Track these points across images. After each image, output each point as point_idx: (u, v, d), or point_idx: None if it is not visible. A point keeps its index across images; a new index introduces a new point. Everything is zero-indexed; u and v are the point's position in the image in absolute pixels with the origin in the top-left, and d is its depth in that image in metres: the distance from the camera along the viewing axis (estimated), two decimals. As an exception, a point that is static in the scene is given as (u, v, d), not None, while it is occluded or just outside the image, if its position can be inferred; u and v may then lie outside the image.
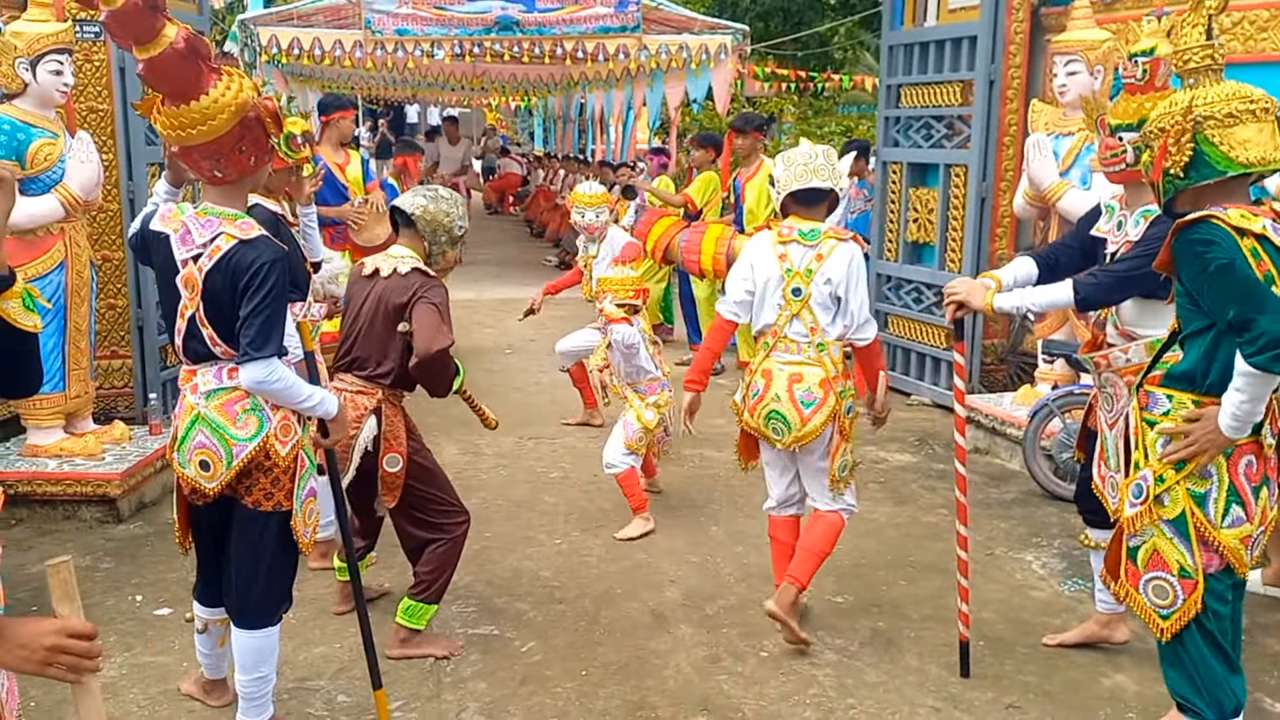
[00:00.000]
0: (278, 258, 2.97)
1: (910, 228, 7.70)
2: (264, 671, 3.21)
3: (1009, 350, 7.31)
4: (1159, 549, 2.79)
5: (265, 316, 2.93)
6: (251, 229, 2.99)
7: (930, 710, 3.62)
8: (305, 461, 3.17)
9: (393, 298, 3.78)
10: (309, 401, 3.09)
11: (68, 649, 1.68)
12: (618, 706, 3.61)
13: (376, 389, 3.82)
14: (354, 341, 3.87)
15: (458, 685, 3.72)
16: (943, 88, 7.31)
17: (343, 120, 6.95)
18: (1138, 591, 2.85)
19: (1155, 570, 2.82)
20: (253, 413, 3.05)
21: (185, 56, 2.80)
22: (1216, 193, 2.70)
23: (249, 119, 2.91)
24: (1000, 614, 4.34)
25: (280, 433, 3.08)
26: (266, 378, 2.96)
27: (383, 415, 3.81)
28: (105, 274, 6.21)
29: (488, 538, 5.03)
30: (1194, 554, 2.75)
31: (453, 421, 7.01)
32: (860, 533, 5.19)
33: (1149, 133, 2.79)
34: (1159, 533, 2.79)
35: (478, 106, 26.82)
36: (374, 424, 3.79)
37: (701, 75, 11.31)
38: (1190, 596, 2.76)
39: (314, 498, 3.24)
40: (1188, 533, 2.76)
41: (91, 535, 4.98)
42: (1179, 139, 2.66)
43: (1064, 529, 5.22)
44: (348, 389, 3.81)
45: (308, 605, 4.28)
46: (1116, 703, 3.69)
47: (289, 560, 3.24)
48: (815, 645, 4.05)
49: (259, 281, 2.91)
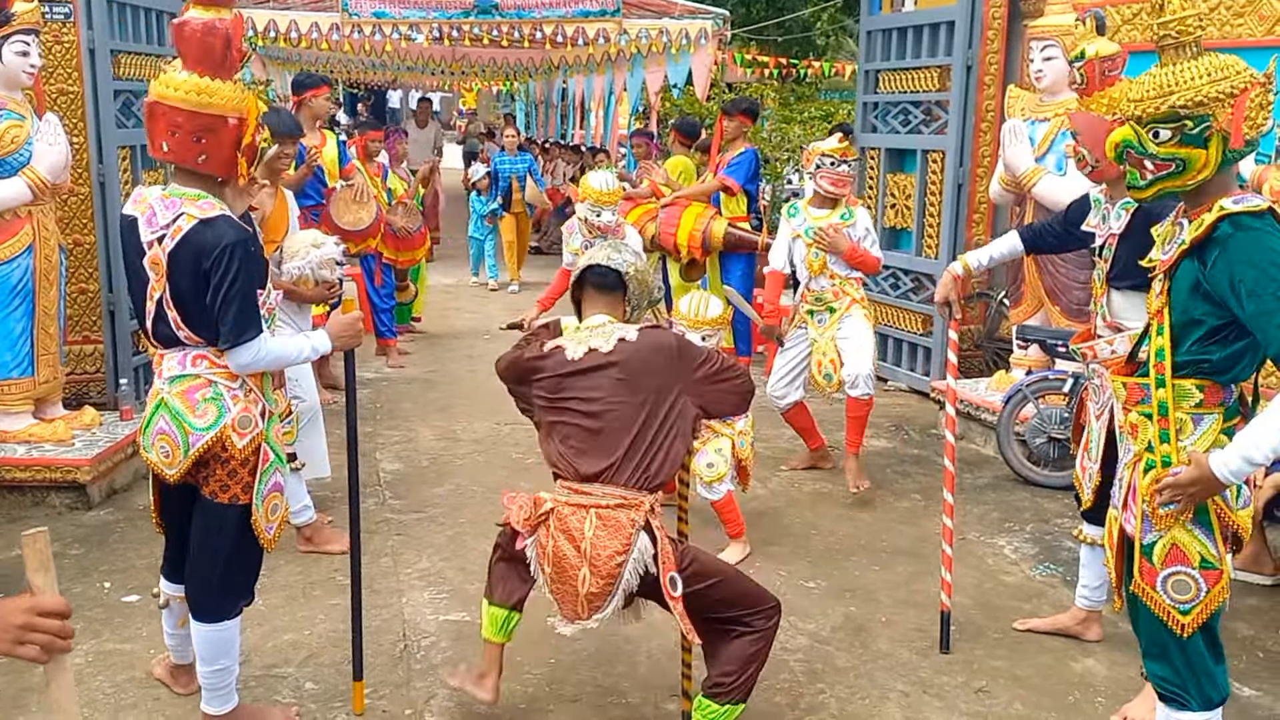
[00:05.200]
0: (241, 238, 2.95)
1: (888, 213, 7.69)
2: (224, 664, 3.15)
3: (985, 336, 7.33)
4: (1179, 542, 2.67)
5: (238, 302, 2.92)
6: (212, 209, 2.97)
7: (899, 695, 3.63)
8: (269, 455, 3.13)
9: (640, 364, 3.08)
10: (301, 355, 3.14)
11: (39, 627, 1.64)
12: (588, 693, 3.60)
13: (643, 499, 3.02)
14: (596, 443, 3.05)
15: (428, 672, 3.70)
16: (921, 73, 7.30)
17: (315, 99, 6.81)
18: (1155, 590, 2.71)
19: (1175, 565, 2.68)
20: (212, 402, 3.03)
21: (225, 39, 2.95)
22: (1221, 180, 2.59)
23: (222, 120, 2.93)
24: (972, 598, 4.35)
25: (238, 425, 3.05)
26: (254, 360, 2.99)
27: (654, 530, 3.00)
28: (76, 258, 6.14)
29: (462, 523, 5.02)
30: (1217, 543, 2.66)
31: (430, 407, 7.00)
32: (834, 518, 5.21)
33: (1203, 100, 2.48)
34: (1180, 526, 2.66)
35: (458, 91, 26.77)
36: (648, 542, 2.98)
37: (681, 60, 11.28)
38: (1214, 587, 2.66)
39: (279, 493, 3.19)
40: (1209, 521, 2.65)
41: (61, 522, 4.94)
42: (1263, 102, 2.48)
43: (1037, 514, 5.24)
44: (598, 504, 2.99)
45: (278, 592, 4.26)
46: (1086, 687, 3.70)
47: (248, 555, 3.19)
48: (786, 631, 4.05)
49: (224, 266, 2.89)
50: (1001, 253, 4.13)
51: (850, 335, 5.38)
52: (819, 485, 5.66)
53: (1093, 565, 3.89)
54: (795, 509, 5.34)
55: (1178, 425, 2.66)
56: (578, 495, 3.04)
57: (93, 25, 5.93)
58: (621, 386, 3.07)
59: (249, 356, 2.99)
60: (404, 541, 4.81)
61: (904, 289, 7.52)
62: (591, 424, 3.07)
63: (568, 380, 3.13)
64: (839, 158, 5.31)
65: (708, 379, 3.19)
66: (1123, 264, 3.58)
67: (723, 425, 4.59)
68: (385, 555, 4.65)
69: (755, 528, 4.97)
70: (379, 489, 5.48)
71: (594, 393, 3.08)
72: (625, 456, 3.03)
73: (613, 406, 3.06)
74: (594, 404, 3.08)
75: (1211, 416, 2.65)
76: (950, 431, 4.08)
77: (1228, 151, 2.53)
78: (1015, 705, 3.58)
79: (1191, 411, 2.65)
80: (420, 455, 6.04)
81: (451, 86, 24.98)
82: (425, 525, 5.01)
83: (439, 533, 4.92)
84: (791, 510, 5.32)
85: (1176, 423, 2.66)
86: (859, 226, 5.36)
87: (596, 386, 3.09)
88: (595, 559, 2.95)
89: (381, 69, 17.10)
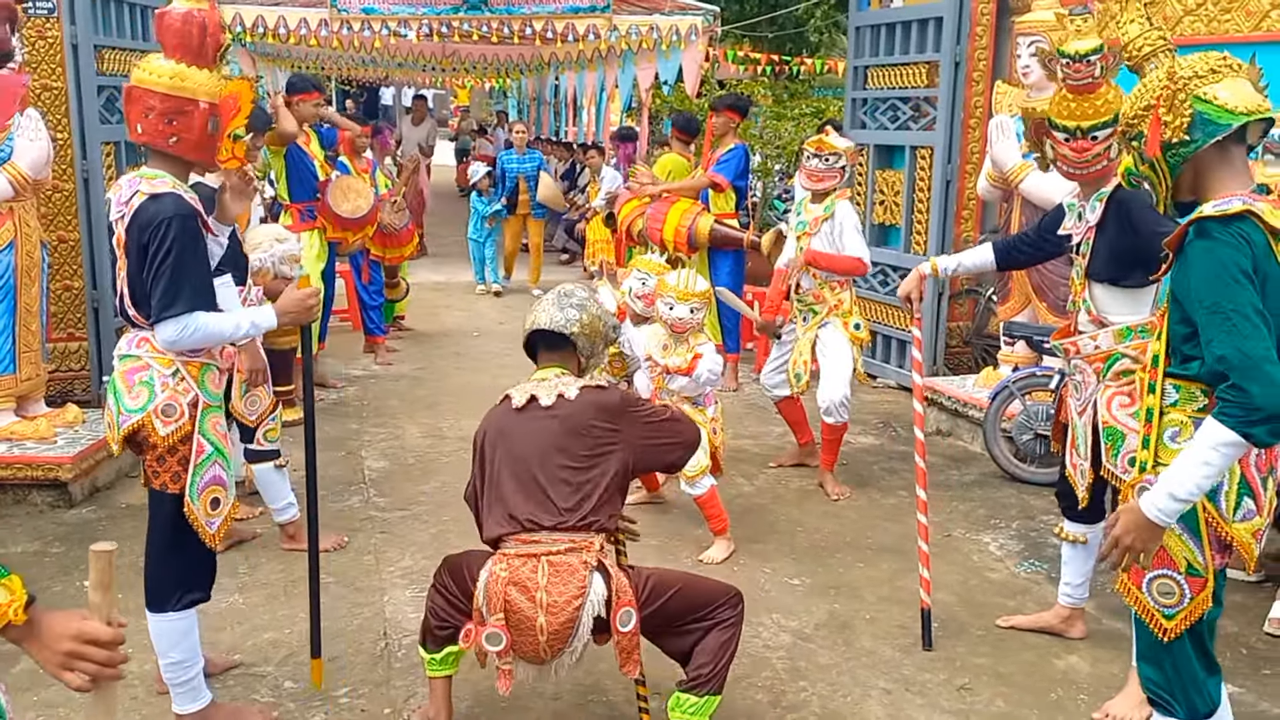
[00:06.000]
0: (180, 213, 2.97)
1: (877, 210, 7.68)
2: (174, 657, 3.12)
3: (973, 333, 7.32)
4: (1166, 545, 2.61)
5: (168, 274, 2.93)
6: (164, 186, 3.02)
7: (881, 692, 3.62)
8: (204, 447, 3.10)
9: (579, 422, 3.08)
10: (239, 332, 3.09)
11: (87, 656, 1.62)
12: (569, 690, 3.58)
13: (591, 540, 3.02)
14: (538, 491, 3.04)
15: (408, 670, 3.68)
16: (909, 69, 7.29)
17: (303, 103, 6.84)
18: (1140, 590, 2.67)
19: (1161, 568, 2.63)
20: (145, 386, 3.06)
21: None
22: (1219, 164, 2.53)
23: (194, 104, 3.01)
24: (956, 595, 4.34)
25: (161, 412, 3.05)
26: (180, 335, 2.97)
27: (609, 572, 2.99)
28: (61, 255, 6.12)
29: (446, 521, 4.99)
30: (1204, 551, 2.60)
31: (417, 404, 6.98)
32: (820, 514, 5.20)
33: (1133, 118, 2.63)
34: (1168, 529, 2.57)
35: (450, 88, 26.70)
36: (601, 583, 2.96)
37: (672, 57, 11.24)
38: (1199, 595, 2.61)
39: (219, 486, 3.14)
40: (1198, 528, 2.59)
41: (42, 520, 4.91)
42: (1172, 103, 2.51)
43: (1023, 511, 5.23)
44: (548, 552, 2.96)
45: (259, 590, 4.24)
46: (1069, 684, 3.69)
47: (185, 549, 3.14)
48: (770, 628, 4.04)
49: (159, 237, 2.93)
50: (974, 263, 4.13)
51: (827, 353, 5.34)
52: (806, 482, 5.65)
53: (1074, 563, 3.88)
54: (781, 506, 5.32)
55: (1178, 426, 2.60)
56: (526, 545, 2.99)
57: (76, 20, 5.91)
58: (561, 438, 3.07)
59: (174, 331, 2.95)
60: (387, 539, 4.78)
61: (893, 285, 7.50)
62: (534, 472, 3.05)
63: (510, 424, 3.14)
64: (813, 151, 5.30)
65: (649, 436, 3.17)
66: (1102, 256, 3.57)
67: (696, 412, 4.60)
68: (368, 553, 4.63)
69: (741, 524, 4.96)
70: (364, 487, 5.46)
71: (535, 440, 3.08)
72: (570, 503, 3.01)
73: (552, 455, 3.05)
74: (534, 452, 3.07)
75: None
76: (919, 428, 4.06)
77: (1169, 158, 2.54)
78: (997, 703, 3.57)
79: (1195, 415, 2.56)
80: (406, 453, 6.01)
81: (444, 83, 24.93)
82: (409, 523, 4.99)
83: (422, 530, 4.90)
84: (778, 507, 5.31)
85: (1177, 424, 2.60)
86: (835, 220, 5.30)
87: (537, 433, 3.09)
88: (552, 606, 2.92)
89: (372, 65, 17.03)
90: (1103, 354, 3.54)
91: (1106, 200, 3.56)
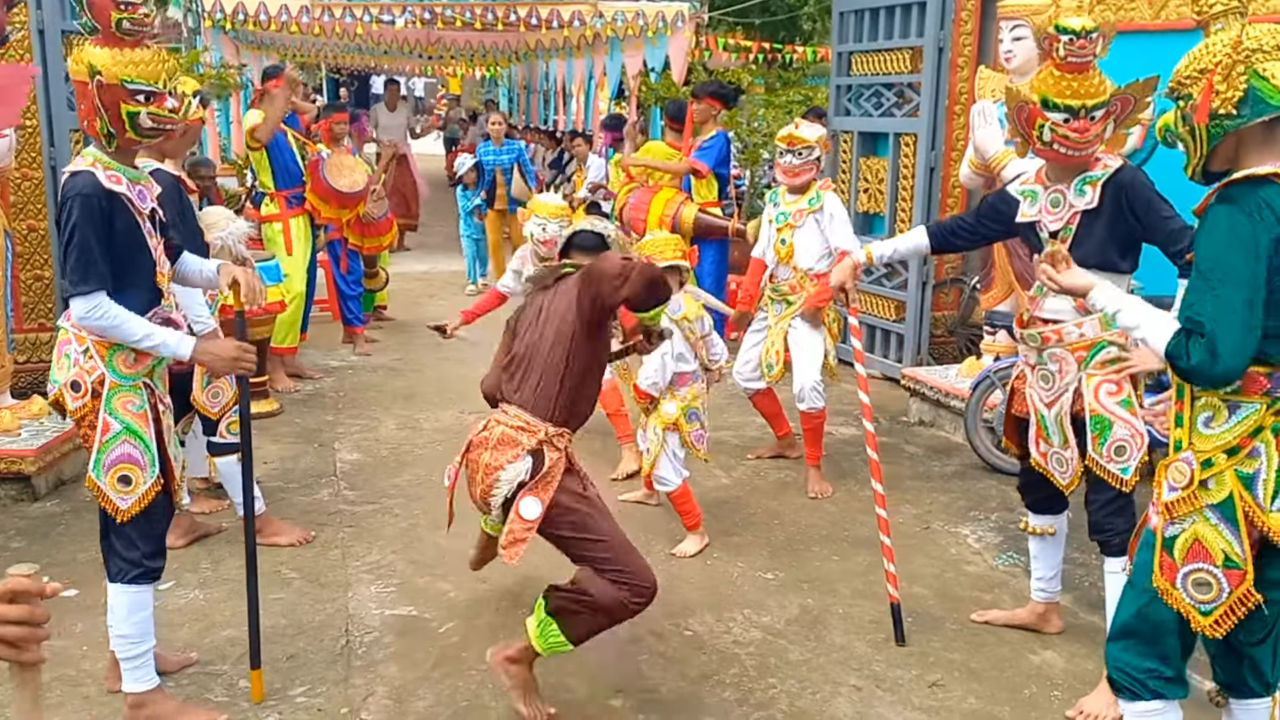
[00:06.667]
0: (85, 192, 2.98)
1: (861, 198, 7.59)
2: (122, 630, 3.12)
3: (959, 322, 7.24)
4: (1202, 537, 2.48)
5: (75, 252, 2.96)
6: (81, 163, 3.04)
7: (851, 689, 3.55)
8: (111, 425, 3.07)
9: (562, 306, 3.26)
10: (147, 341, 3.05)
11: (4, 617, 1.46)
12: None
13: (542, 427, 3.20)
14: (518, 368, 3.29)
15: (369, 669, 3.60)
16: (893, 55, 7.19)
17: (276, 89, 6.75)
18: (1174, 587, 2.53)
19: (1196, 561, 2.50)
20: (66, 358, 3.12)
21: None
22: (1263, 141, 2.42)
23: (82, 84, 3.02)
24: (932, 589, 4.27)
25: (71, 387, 3.10)
26: (88, 314, 2.98)
27: (543, 459, 3.17)
28: (30, 244, 6.04)
29: (417, 514, 4.92)
30: (1243, 542, 2.46)
31: (394, 396, 6.89)
32: (797, 507, 5.12)
33: (1185, 78, 2.48)
34: (1202, 519, 2.49)
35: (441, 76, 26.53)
36: (523, 467, 3.16)
37: (659, 44, 11.14)
38: (1238, 588, 2.47)
39: (129, 464, 3.07)
40: (1235, 518, 2.46)
41: (4, 514, 4.83)
42: (1229, 73, 2.39)
43: (1003, 502, 5.16)
44: (506, 423, 3.23)
45: (221, 585, 4.17)
46: (1043, 680, 3.62)
47: (118, 523, 3.11)
48: (740, 623, 3.97)
49: (65, 216, 2.98)
50: (908, 248, 4.00)
51: (800, 342, 5.27)
52: (784, 474, 5.58)
53: (1044, 556, 3.81)
54: (758, 498, 5.25)
55: (1211, 410, 2.48)
56: (498, 414, 3.30)
57: (42, 6, 5.81)
58: (545, 313, 3.30)
59: (83, 308, 2.97)
60: (355, 534, 4.70)
61: (876, 275, 7.42)
62: (520, 349, 3.32)
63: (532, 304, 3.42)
64: (785, 147, 5.21)
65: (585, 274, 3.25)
66: (1095, 242, 3.43)
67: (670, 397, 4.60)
68: (335, 547, 4.55)
69: (717, 518, 4.90)
70: (335, 479, 5.38)
71: (529, 318, 3.36)
72: (535, 384, 3.23)
73: (536, 333, 3.29)
74: (525, 331, 3.34)
75: (1252, 406, 2.44)
76: (868, 420, 3.97)
77: (1211, 127, 2.41)
78: (969, 700, 3.50)
79: (1226, 398, 2.45)
80: (380, 445, 5.93)
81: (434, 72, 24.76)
82: (379, 517, 4.91)
83: (392, 524, 4.82)
84: (754, 499, 5.23)
85: (1210, 408, 2.48)
86: (825, 212, 5.24)
87: (533, 313, 3.36)
88: (486, 467, 3.21)
89: (358, 53, 16.86)
90: (1087, 342, 3.45)
91: (1103, 184, 3.43)
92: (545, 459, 3.16)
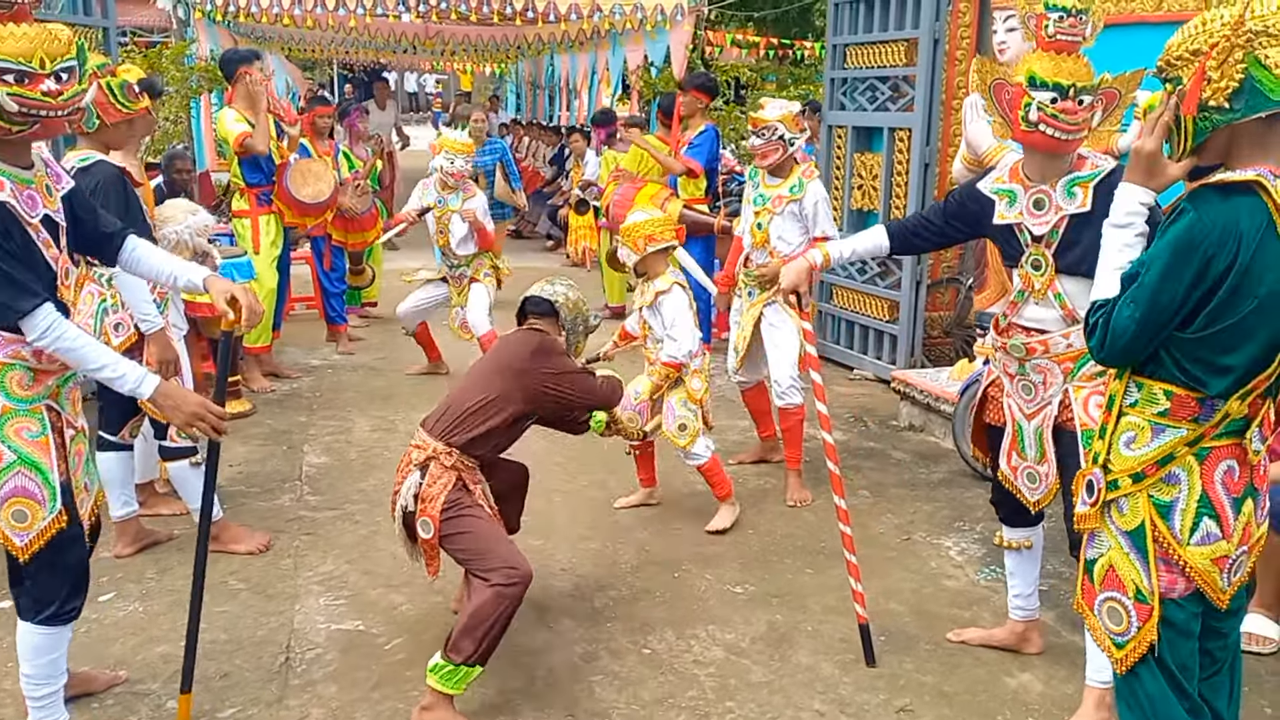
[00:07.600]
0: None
1: (855, 194, 7.38)
2: (26, 670, 2.90)
3: (954, 323, 7.03)
4: (1115, 565, 2.32)
5: None
6: None
7: (814, 714, 3.35)
8: (3, 455, 2.75)
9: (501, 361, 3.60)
10: (105, 371, 2.73)
11: None
12: (474, 711, 3.31)
13: (434, 445, 3.41)
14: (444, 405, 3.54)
15: (305, 688, 3.43)
16: (888, 47, 6.97)
17: (248, 76, 6.51)
18: (1092, 612, 2.38)
19: (1110, 589, 2.34)
20: None
21: None
22: (1260, 139, 2.15)
23: None
24: (908, 605, 4.07)
25: None
26: (42, 335, 2.66)
27: (427, 473, 3.39)
28: None
29: (378, 521, 4.73)
30: (1151, 575, 2.28)
31: (372, 396, 6.73)
32: (774, 515, 4.93)
33: (1176, 58, 2.20)
34: (1116, 545, 2.32)
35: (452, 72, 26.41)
36: (416, 479, 3.38)
37: (659, 38, 10.94)
38: (1145, 624, 2.28)
39: (26, 499, 2.78)
40: (1145, 548, 2.28)
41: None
42: (1224, 60, 2.10)
43: (989, 513, 4.87)
44: (421, 453, 3.43)
45: (163, 596, 4.01)
46: (1018, 705, 3.42)
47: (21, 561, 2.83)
48: (703, 641, 3.77)
49: None
50: (865, 248, 3.71)
51: (775, 334, 5.08)
52: (765, 481, 5.38)
53: (1021, 571, 3.61)
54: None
55: (1135, 431, 2.28)
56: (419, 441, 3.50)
57: (6, -5, 5.64)
58: (481, 366, 3.63)
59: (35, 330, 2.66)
60: (311, 542, 4.53)
61: (870, 274, 7.21)
62: (459, 395, 3.53)
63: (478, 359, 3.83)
64: (752, 129, 5.06)
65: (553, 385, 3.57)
66: (1085, 247, 3.17)
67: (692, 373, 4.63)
68: (288, 556, 4.38)
69: (693, 524, 4.73)
70: (298, 484, 5.20)
71: (474, 372, 3.65)
72: (447, 415, 3.46)
73: (469, 381, 3.57)
74: (469, 381, 3.59)
75: (1177, 431, 2.23)
76: (826, 431, 3.74)
77: (1199, 120, 2.15)
78: (938, 726, 3.30)
79: (1153, 420, 2.26)
80: (351, 448, 5.76)
81: (444, 67, 24.62)
82: (339, 524, 4.73)
83: (351, 532, 4.65)
84: (732, 507, 5.03)
85: (1135, 428, 2.28)
86: (807, 201, 5.02)
87: (478, 368, 3.67)
88: (394, 492, 3.48)
89: (357, 47, 16.71)
90: (1075, 353, 3.23)
91: (1096, 185, 3.19)
92: (428, 474, 3.37)
